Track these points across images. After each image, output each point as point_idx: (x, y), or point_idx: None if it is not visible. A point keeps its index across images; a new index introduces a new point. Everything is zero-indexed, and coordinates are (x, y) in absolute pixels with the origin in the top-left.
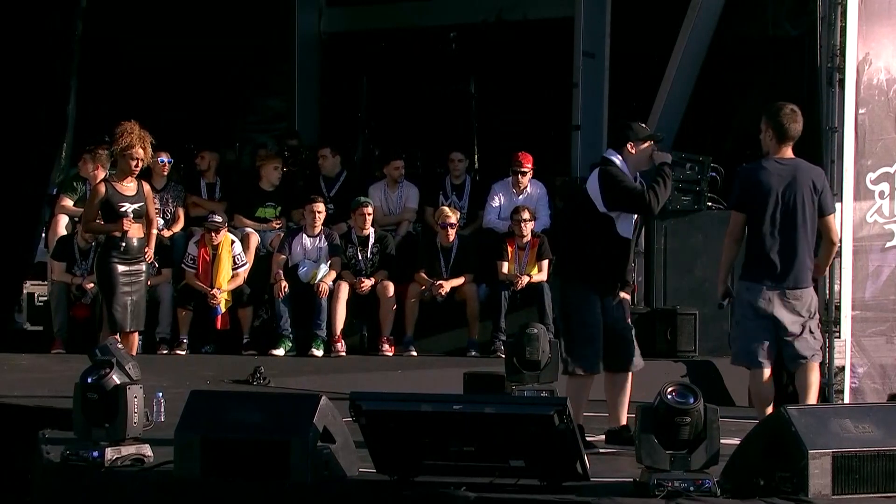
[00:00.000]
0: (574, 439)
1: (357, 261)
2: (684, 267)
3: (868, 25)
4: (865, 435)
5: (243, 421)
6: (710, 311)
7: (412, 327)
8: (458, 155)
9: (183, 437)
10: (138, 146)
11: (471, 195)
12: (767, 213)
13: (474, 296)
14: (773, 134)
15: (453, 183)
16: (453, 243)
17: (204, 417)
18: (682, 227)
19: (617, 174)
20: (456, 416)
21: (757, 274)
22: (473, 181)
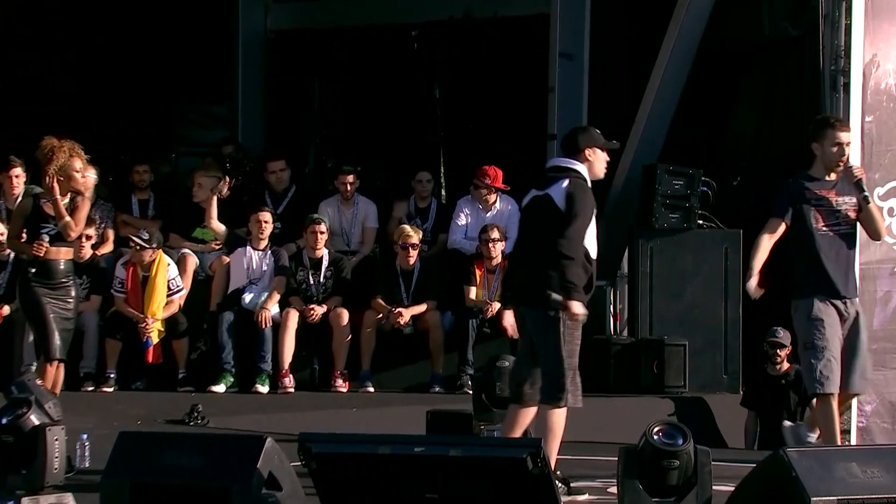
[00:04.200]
0: (550, 485)
1: (308, 285)
2: (672, 292)
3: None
4: (874, 480)
5: (179, 465)
6: (702, 341)
7: (369, 360)
8: (426, 175)
9: (110, 484)
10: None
11: (436, 219)
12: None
13: (438, 325)
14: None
15: (418, 206)
16: (415, 266)
17: (134, 462)
18: (669, 247)
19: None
20: (417, 460)
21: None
22: (440, 204)
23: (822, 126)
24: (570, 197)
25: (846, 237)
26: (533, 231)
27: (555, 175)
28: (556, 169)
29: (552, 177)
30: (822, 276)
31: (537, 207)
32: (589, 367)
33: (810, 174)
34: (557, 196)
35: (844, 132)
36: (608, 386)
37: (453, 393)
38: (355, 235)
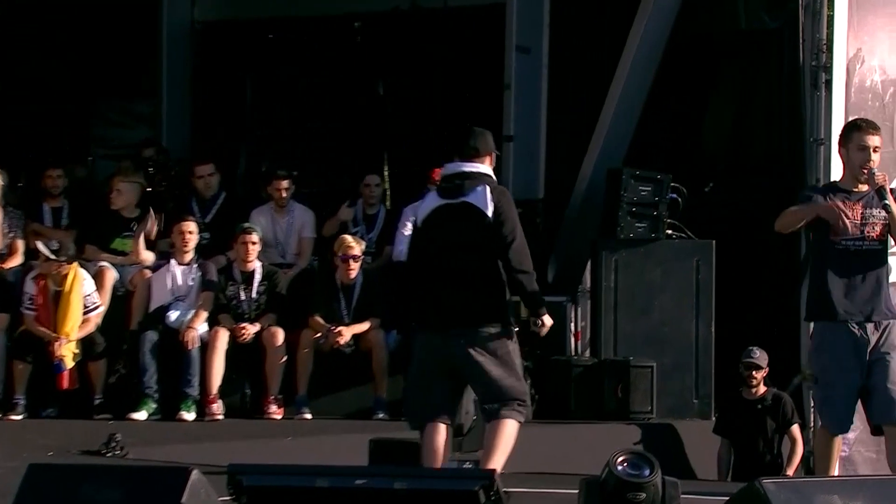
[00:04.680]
0: None
1: (239, 302)
2: (639, 309)
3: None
4: None
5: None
6: (671, 362)
7: (306, 383)
8: (374, 179)
9: None
10: None
11: (384, 227)
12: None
13: (382, 345)
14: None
15: (366, 212)
16: (356, 280)
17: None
18: (636, 259)
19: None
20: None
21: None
22: (389, 210)
23: (849, 129)
24: (498, 205)
25: (873, 254)
26: (456, 244)
27: (471, 182)
28: (462, 175)
29: (460, 184)
30: (837, 296)
31: (456, 217)
32: (548, 391)
33: (837, 184)
34: (482, 204)
35: (872, 135)
36: (568, 412)
37: (399, 420)
38: (291, 246)
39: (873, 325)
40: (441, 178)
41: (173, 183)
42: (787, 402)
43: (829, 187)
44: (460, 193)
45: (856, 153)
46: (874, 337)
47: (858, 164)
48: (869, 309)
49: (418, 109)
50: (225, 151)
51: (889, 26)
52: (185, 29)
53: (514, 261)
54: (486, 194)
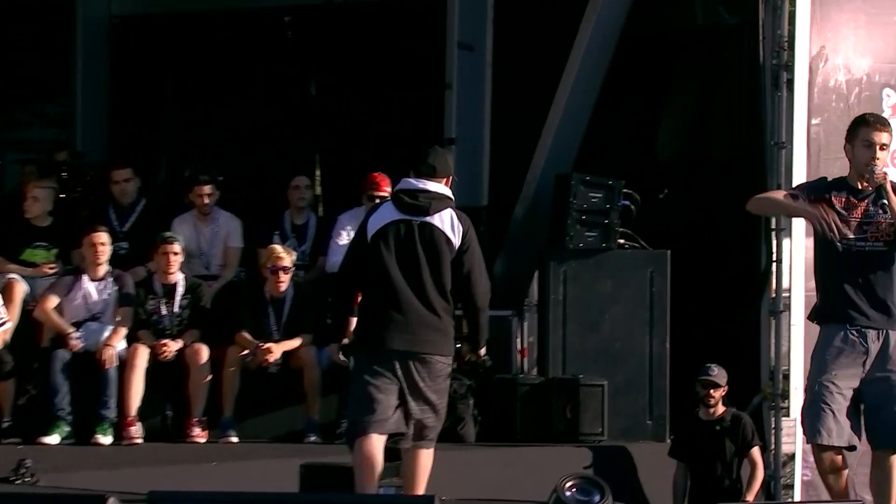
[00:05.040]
0: None
1: (160, 317)
2: (589, 323)
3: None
4: None
5: None
6: (623, 381)
7: (232, 404)
8: (304, 180)
9: None
10: None
11: (316, 237)
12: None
13: (314, 363)
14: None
15: (293, 222)
16: (286, 294)
17: None
18: (585, 271)
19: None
20: None
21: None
22: (321, 218)
23: (856, 124)
24: (466, 235)
25: (877, 256)
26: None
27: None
28: (426, 194)
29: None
30: (837, 299)
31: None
32: (492, 412)
33: (845, 180)
34: (448, 228)
35: (880, 132)
36: (514, 433)
37: (332, 443)
38: (216, 257)
39: (875, 332)
40: (400, 191)
41: (88, 189)
42: (747, 424)
43: (835, 184)
44: (424, 212)
45: (861, 150)
46: (875, 346)
47: (864, 162)
48: (872, 315)
49: (353, 110)
50: (144, 155)
51: (853, 22)
52: (102, 24)
53: (477, 297)
54: (452, 219)
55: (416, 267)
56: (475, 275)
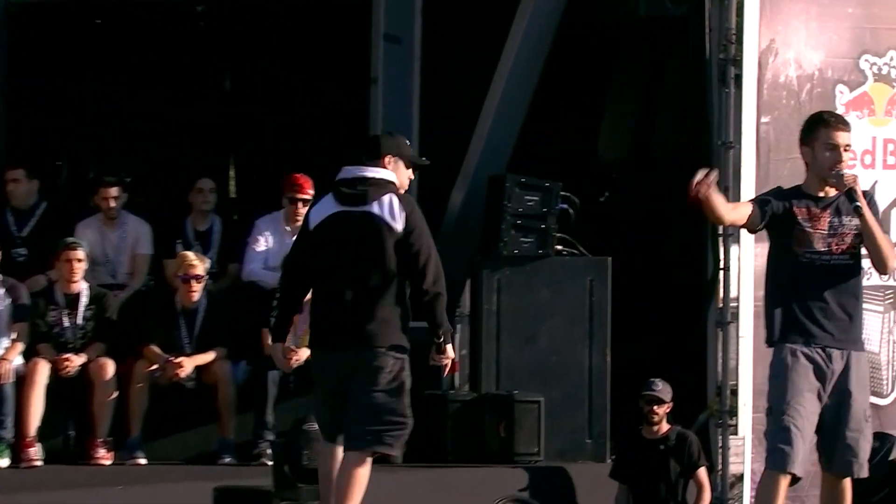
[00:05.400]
0: None
1: (61, 329)
2: (524, 335)
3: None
4: None
5: None
6: (561, 397)
7: (139, 423)
8: (208, 183)
9: None
10: None
11: (222, 243)
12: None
13: (228, 378)
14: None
15: (196, 228)
16: (199, 304)
17: None
18: (520, 279)
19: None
20: None
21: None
22: (227, 223)
23: (814, 124)
24: (409, 218)
25: (843, 269)
26: (356, 258)
27: (374, 189)
28: (364, 181)
29: (363, 191)
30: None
31: (357, 228)
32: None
33: (801, 188)
34: (388, 214)
35: (843, 131)
36: (444, 453)
37: (248, 464)
38: (123, 264)
39: (840, 352)
40: (338, 181)
41: None
42: (693, 442)
43: (793, 192)
44: (362, 201)
45: (824, 153)
46: (838, 367)
47: (828, 166)
48: (837, 334)
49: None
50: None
51: (805, 14)
52: None
53: (427, 281)
54: (393, 204)
55: (356, 259)
56: (422, 257)
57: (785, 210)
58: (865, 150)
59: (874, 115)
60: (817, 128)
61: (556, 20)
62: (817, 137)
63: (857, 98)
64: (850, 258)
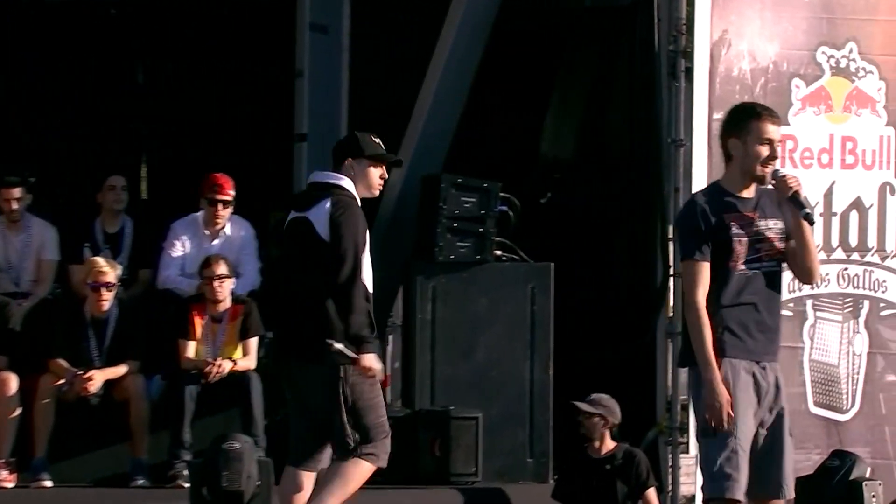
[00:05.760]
0: None
1: None
2: (461, 347)
3: None
4: None
5: None
6: (500, 413)
7: (45, 443)
8: (120, 180)
9: None
10: None
11: (134, 246)
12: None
13: (142, 393)
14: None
15: (105, 229)
16: (109, 313)
17: None
18: (457, 287)
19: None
20: None
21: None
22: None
23: (744, 116)
24: (334, 223)
25: (772, 277)
26: (293, 265)
27: (318, 193)
28: (317, 186)
29: (315, 195)
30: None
31: (296, 234)
32: None
33: (722, 187)
34: (318, 221)
35: (776, 124)
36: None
37: (163, 487)
38: (27, 271)
39: (770, 366)
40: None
41: None
42: (642, 461)
43: (716, 197)
44: (308, 206)
45: (756, 147)
46: (772, 380)
47: (761, 162)
48: (769, 346)
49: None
50: None
51: (759, 3)
52: None
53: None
54: (324, 209)
55: (294, 267)
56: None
57: (718, 227)
58: (822, 148)
59: (832, 110)
60: (749, 119)
61: (495, 10)
62: (748, 130)
63: (814, 93)
64: (776, 265)
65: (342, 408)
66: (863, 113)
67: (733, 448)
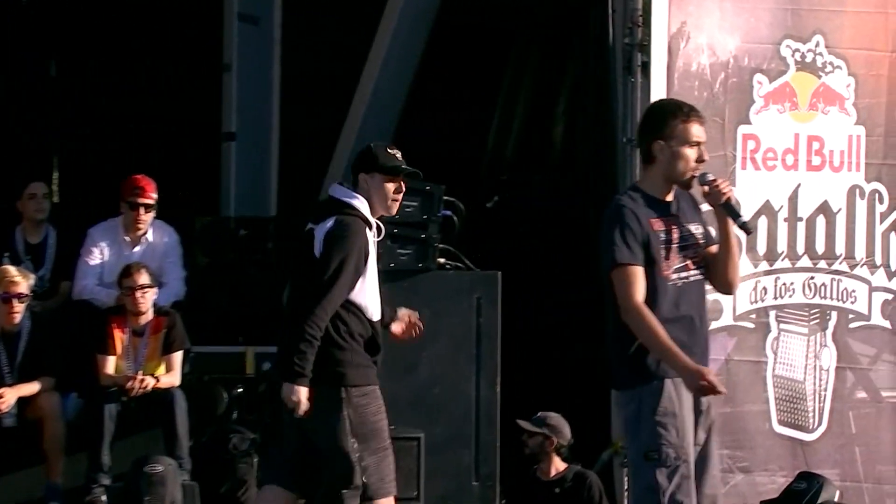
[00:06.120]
0: None
1: None
2: (401, 362)
3: None
4: None
5: None
6: (443, 433)
7: None
8: (41, 187)
9: None
10: None
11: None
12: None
13: (57, 413)
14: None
15: (27, 240)
16: (21, 326)
17: None
18: (397, 297)
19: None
20: None
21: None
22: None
23: (668, 115)
24: (326, 244)
25: (698, 286)
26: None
27: (328, 209)
28: (330, 201)
29: (326, 210)
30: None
31: (302, 247)
32: None
33: (645, 190)
34: (318, 238)
35: (702, 126)
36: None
37: None
38: None
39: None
40: None
41: None
42: (594, 484)
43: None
44: (319, 220)
45: (685, 149)
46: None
47: (692, 168)
48: (704, 362)
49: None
50: None
51: None
52: None
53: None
54: (326, 227)
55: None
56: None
57: (646, 234)
58: (787, 148)
59: (797, 108)
60: (675, 120)
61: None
62: (674, 130)
63: (778, 89)
64: (700, 273)
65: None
66: (830, 111)
67: (684, 474)
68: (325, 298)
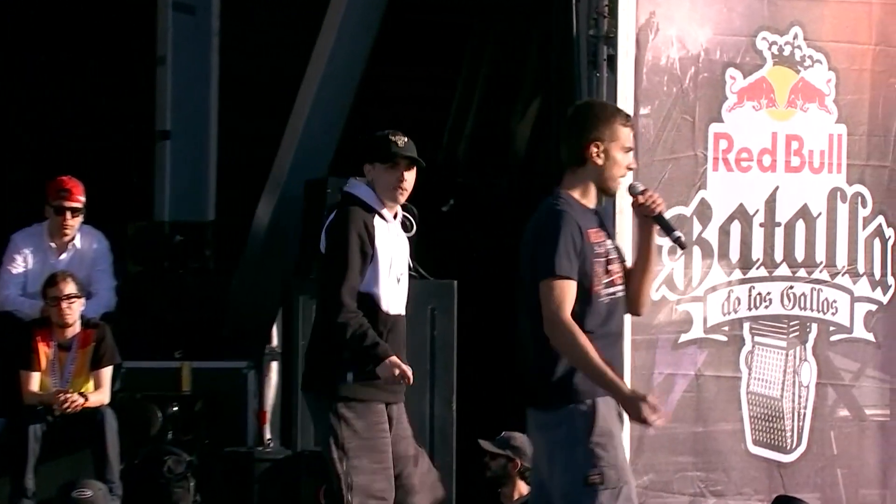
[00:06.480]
0: None
1: None
2: None
3: None
4: None
5: None
6: None
7: None
8: None
9: None
10: None
11: None
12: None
13: None
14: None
15: None
16: None
17: None
18: None
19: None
20: None
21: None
22: None
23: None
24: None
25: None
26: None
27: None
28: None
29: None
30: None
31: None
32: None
33: (575, 197)
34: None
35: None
36: None
37: None
38: None
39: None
40: None
41: None
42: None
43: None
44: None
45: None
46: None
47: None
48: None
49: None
50: None
51: None
52: None
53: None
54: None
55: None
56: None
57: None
58: (763, 149)
59: (774, 105)
60: (615, 122)
61: None
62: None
63: (754, 85)
64: (623, 289)
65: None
66: (810, 108)
67: (627, 496)
68: (343, 286)
